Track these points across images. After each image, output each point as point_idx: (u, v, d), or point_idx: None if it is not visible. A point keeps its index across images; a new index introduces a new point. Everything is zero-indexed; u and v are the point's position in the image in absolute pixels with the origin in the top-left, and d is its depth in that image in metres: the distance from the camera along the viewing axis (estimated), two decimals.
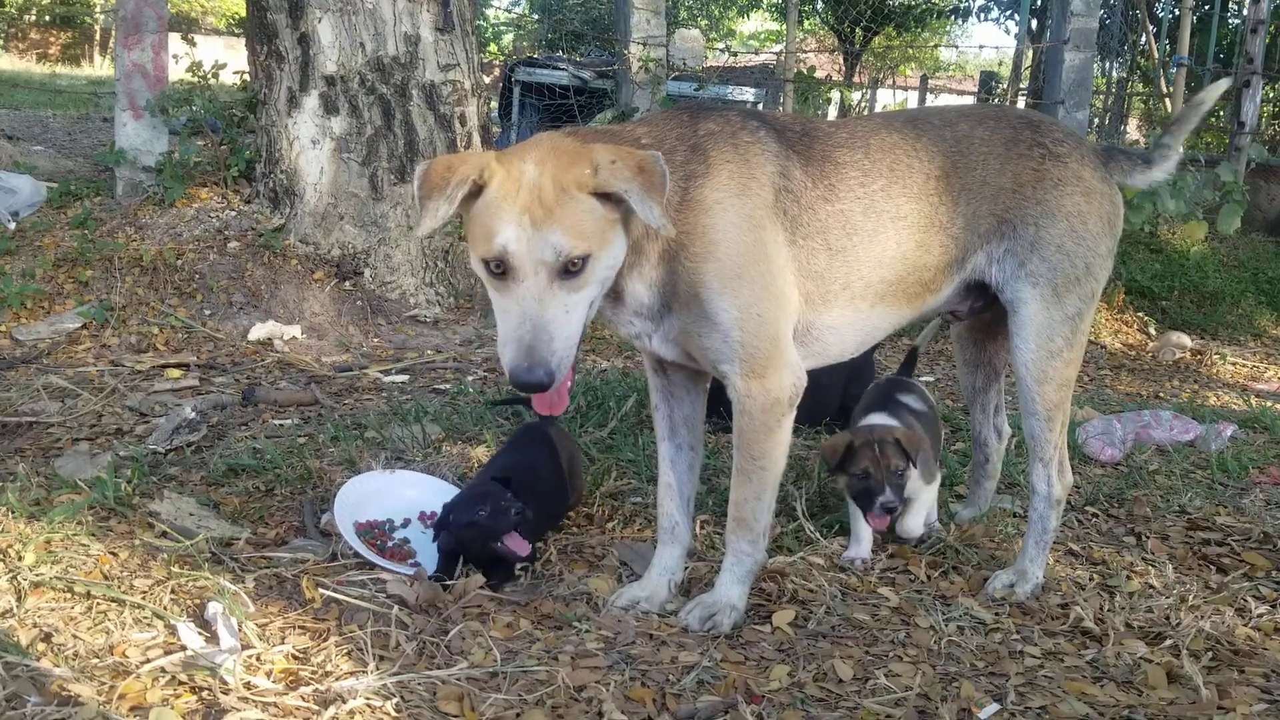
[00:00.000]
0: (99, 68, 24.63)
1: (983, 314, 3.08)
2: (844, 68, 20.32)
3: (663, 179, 2.27)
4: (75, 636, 2.43)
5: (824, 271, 2.64)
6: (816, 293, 2.65)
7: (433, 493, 3.23)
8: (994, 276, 2.86)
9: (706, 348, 2.53)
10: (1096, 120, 12.35)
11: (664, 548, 2.87)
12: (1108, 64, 12.77)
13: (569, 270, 2.23)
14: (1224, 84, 3.15)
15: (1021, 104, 14.16)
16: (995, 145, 2.83)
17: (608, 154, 2.27)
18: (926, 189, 2.75)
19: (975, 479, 3.46)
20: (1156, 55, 11.50)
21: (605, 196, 2.27)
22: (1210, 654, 2.61)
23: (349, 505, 3.02)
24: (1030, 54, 11.70)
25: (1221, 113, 11.79)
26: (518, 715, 2.21)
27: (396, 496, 3.18)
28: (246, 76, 6.31)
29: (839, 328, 2.74)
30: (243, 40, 6.46)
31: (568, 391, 2.36)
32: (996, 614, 2.79)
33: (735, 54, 10.99)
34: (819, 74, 11.04)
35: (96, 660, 2.34)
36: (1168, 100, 9.82)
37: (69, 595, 2.60)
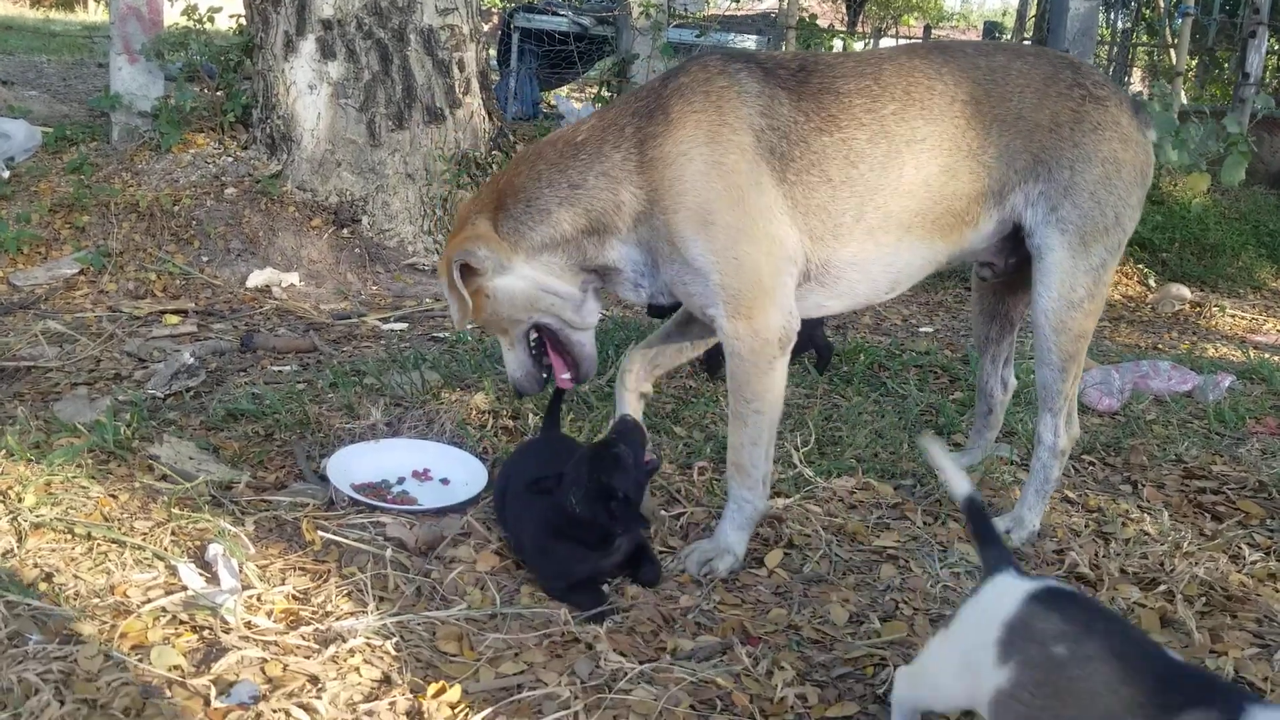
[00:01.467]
0: (93, 13, 24.32)
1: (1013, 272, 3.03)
2: (846, 16, 20.10)
3: (451, 278, 2.65)
4: (76, 577, 2.45)
5: (827, 204, 2.60)
6: (824, 228, 2.61)
7: (422, 453, 3.21)
8: (1027, 219, 2.77)
9: (692, 294, 2.59)
10: (1101, 71, 12.21)
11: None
12: (1113, 14, 12.64)
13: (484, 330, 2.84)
14: None
15: None
16: (1033, 79, 2.75)
17: (450, 250, 2.69)
18: (950, 111, 2.66)
19: (976, 429, 3.46)
20: (1162, 5, 11.37)
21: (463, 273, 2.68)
22: (1204, 599, 2.63)
23: (341, 471, 3.02)
24: (1035, 2, 11.57)
25: (1226, 64, 11.68)
26: (516, 654, 2.23)
27: (387, 459, 3.17)
28: (242, 20, 6.24)
29: (861, 263, 2.68)
30: None
31: (567, 382, 2.92)
32: None
33: (737, 1, 10.86)
34: (822, 22, 10.92)
35: (97, 600, 2.36)
36: (1172, 51, 9.72)
37: (69, 536, 2.62)
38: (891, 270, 2.74)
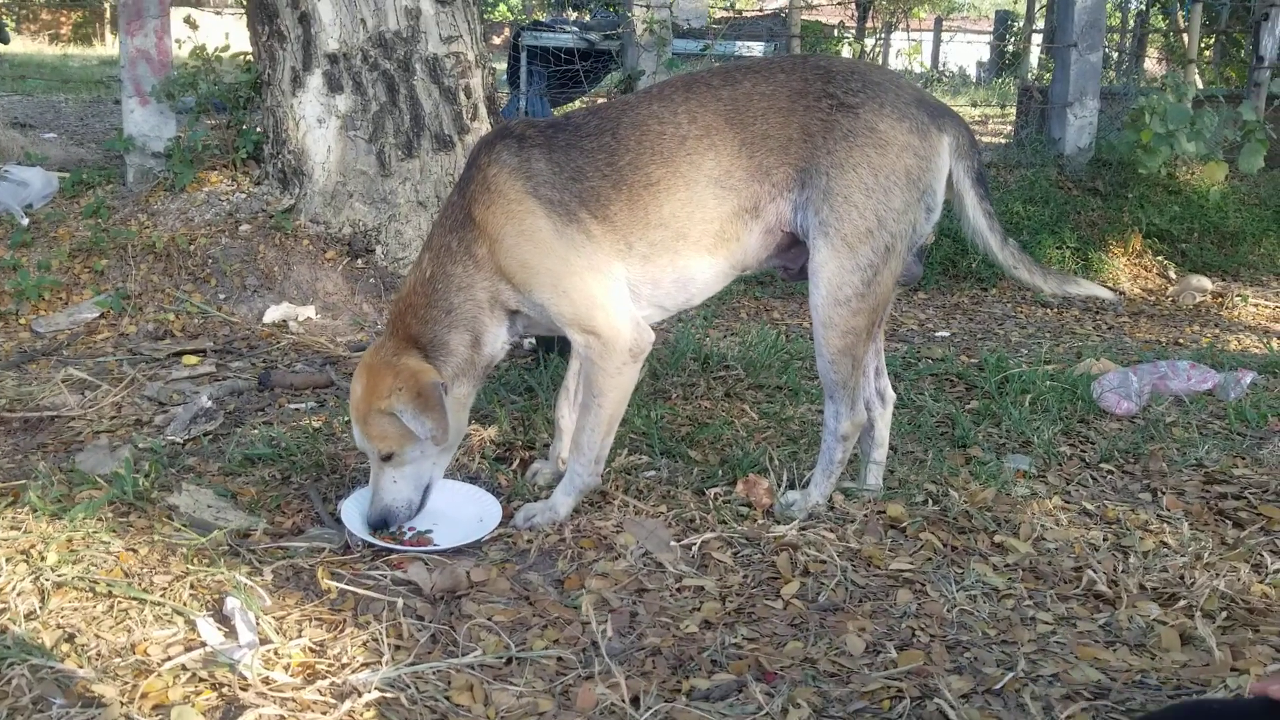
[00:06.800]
0: (110, 46, 24.63)
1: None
2: (855, 13, 20.03)
3: (436, 397, 2.93)
4: (98, 636, 2.48)
5: (604, 236, 2.99)
6: (616, 253, 3.01)
7: (437, 492, 3.19)
8: (799, 224, 2.99)
9: (552, 326, 3.10)
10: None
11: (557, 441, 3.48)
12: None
13: (387, 458, 2.99)
14: None
15: (1035, 47, 13.91)
16: (779, 98, 2.96)
17: (397, 381, 2.94)
18: (682, 150, 2.97)
19: (863, 450, 3.33)
20: None
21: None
22: (1224, 614, 2.61)
23: (356, 514, 3.03)
24: None
25: (1244, 46, 11.53)
26: (531, 703, 2.24)
27: None
28: (249, 57, 6.29)
29: (654, 281, 3.08)
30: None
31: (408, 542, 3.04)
32: (1009, 580, 2.80)
33: (740, 12, 10.84)
34: (832, 22, 10.91)
35: (119, 659, 2.39)
36: (1185, 36, 9.62)
37: (91, 595, 2.65)
38: (679, 286, 3.11)
